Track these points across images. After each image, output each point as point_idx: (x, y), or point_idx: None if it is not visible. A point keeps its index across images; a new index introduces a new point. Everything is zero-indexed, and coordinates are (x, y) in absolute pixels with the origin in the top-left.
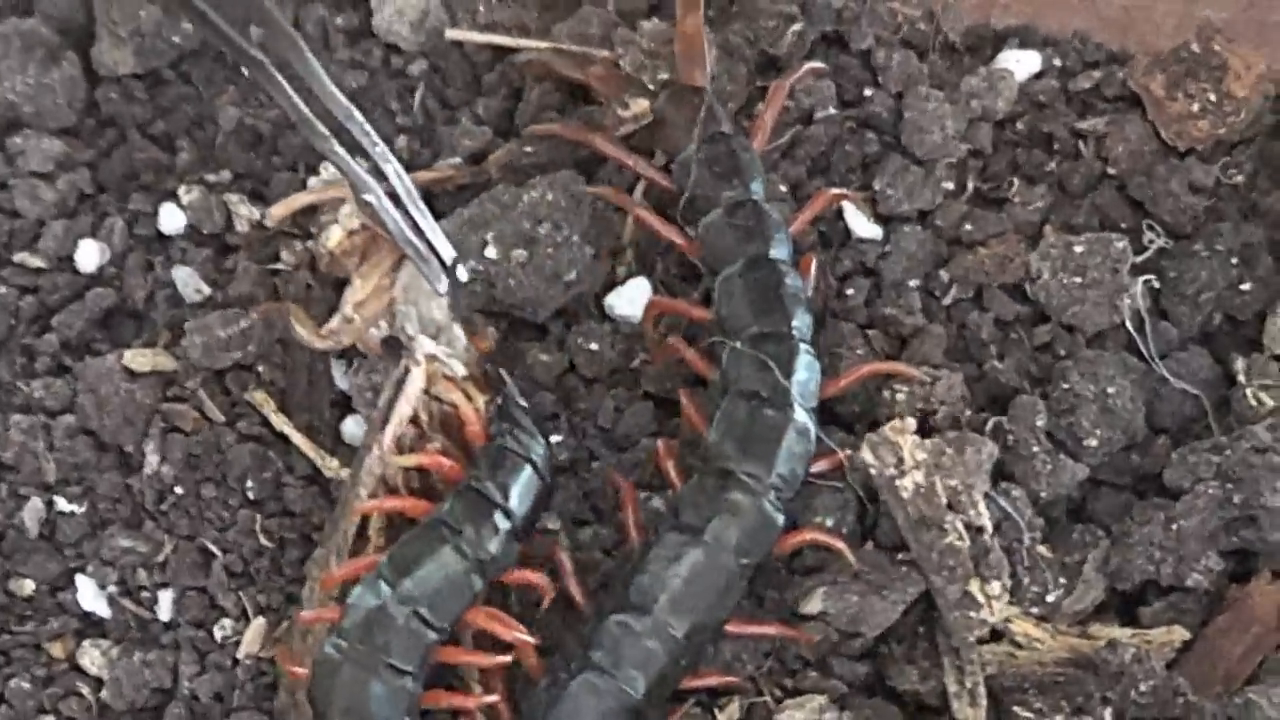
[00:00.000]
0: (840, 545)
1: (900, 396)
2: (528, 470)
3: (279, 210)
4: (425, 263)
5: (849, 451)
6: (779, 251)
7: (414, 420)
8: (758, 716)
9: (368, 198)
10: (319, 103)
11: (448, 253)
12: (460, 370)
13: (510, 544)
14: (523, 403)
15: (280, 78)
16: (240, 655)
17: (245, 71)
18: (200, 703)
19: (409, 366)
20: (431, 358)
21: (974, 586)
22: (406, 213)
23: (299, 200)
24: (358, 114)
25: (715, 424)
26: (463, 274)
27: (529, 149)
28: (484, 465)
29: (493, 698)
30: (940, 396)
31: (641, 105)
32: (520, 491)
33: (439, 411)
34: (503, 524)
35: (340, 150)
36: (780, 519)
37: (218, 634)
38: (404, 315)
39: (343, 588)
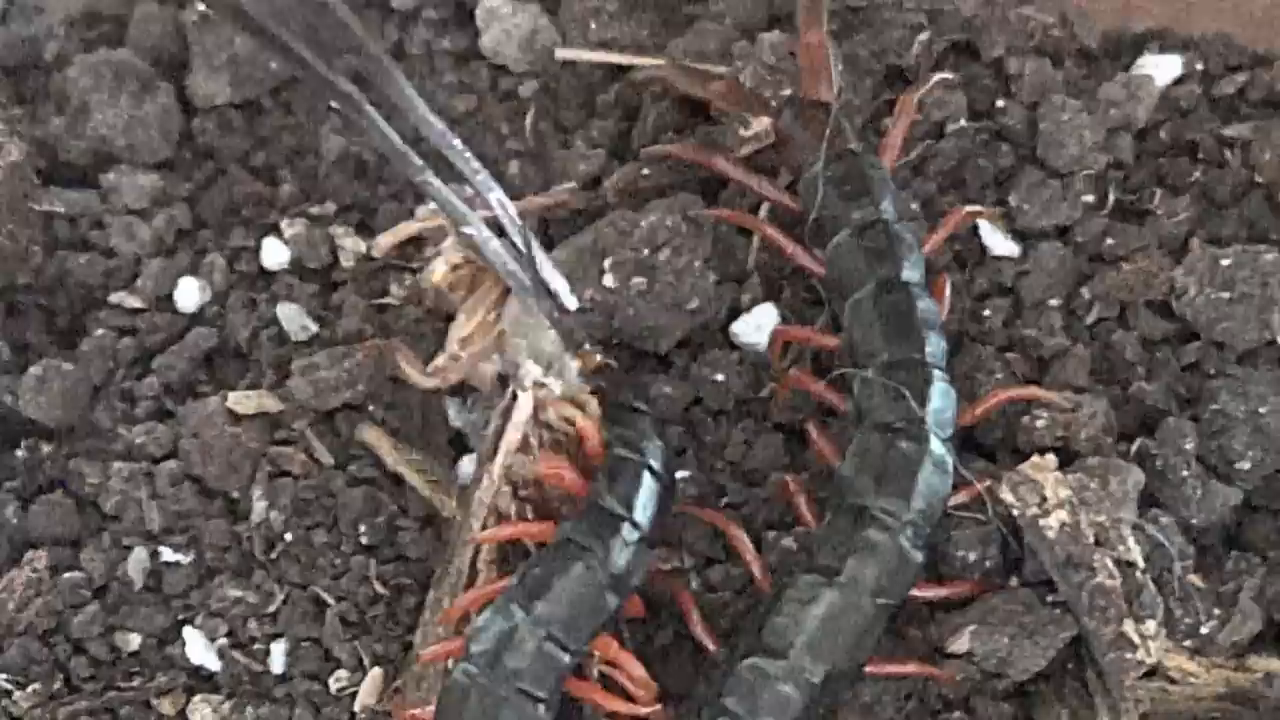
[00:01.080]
0: (1005, 589)
1: (1040, 424)
2: (646, 476)
3: (386, 240)
4: (531, 293)
5: (989, 482)
6: (911, 274)
7: (523, 448)
8: None
9: (467, 230)
10: (417, 130)
11: (557, 282)
12: (570, 392)
13: (641, 554)
14: (636, 404)
15: (370, 109)
16: (356, 708)
17: (334, 104)
18: None
19: (516, 393)
20: (539, 384)
21: (1128, 627)
22: (511, 243)
23: (406, 230)
24: (457, 141)
25: (848, 458)
26: (571, 302)
27: (646, 171)
28: (603, 479)
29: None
30: (1082, 423)
31: (763, 124)
32: (643, 499)
33: (549, 439)
34: (630, 535)
35: (436, 181)
36: (919, 557)
37: (333, 686)
38: (515, 348)
39: (462, 623)
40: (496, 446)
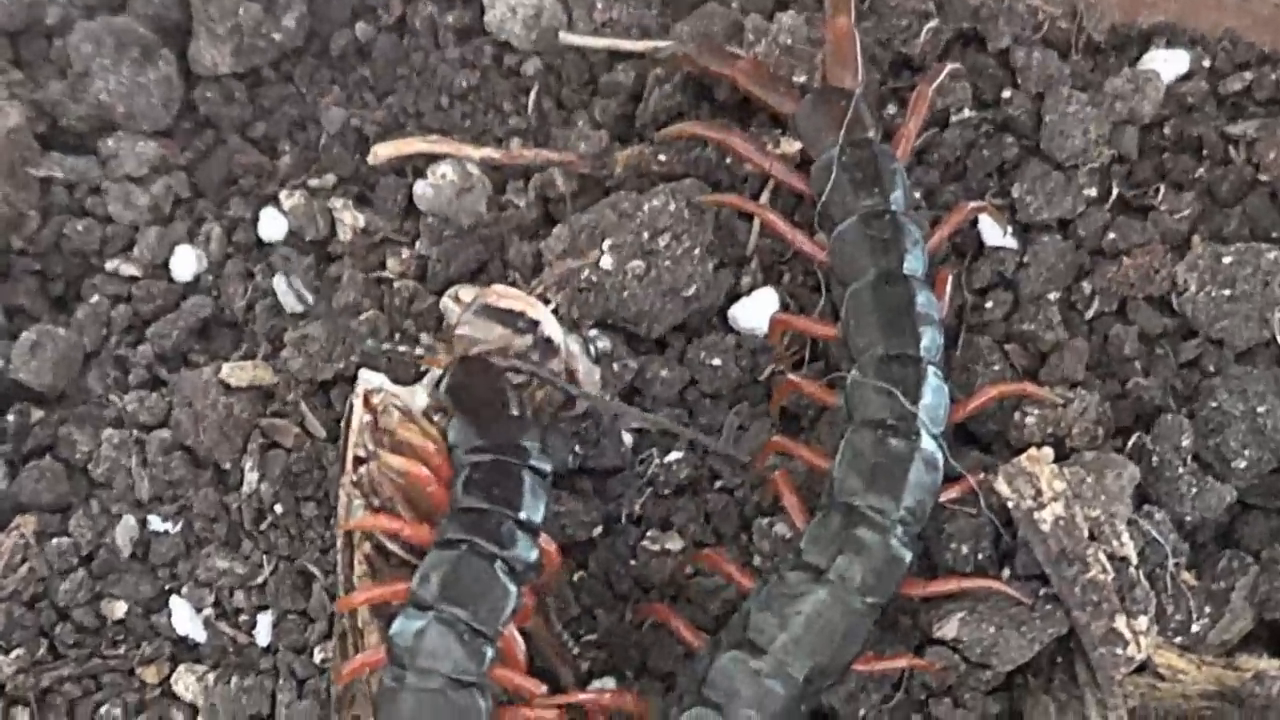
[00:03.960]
0: (997, 586)
1: (1030, 420)
2: (511, 471)
3: (385, 150)
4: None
5: (983, 477)
6: (913, 266)
7: (365, 459)
8: None
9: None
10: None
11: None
12: (412, 403)
13: (523, 539)
14: (497, 404)
15: None
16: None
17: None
18: None
19: (351, 402)
20: (376, 391)
21: (1120, 622)
22: None
23: (409, 145)
24: None
25: (839, 456)
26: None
27: (661, 156)
28: (459, 482)
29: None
30: (1075, 419)
31: (793, 147)
32: (512, 492)
33: (392, 443)
34: (508, 525)
35: None
36: (908, 556)
37: (317, 658)
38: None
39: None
40: (345, 456)
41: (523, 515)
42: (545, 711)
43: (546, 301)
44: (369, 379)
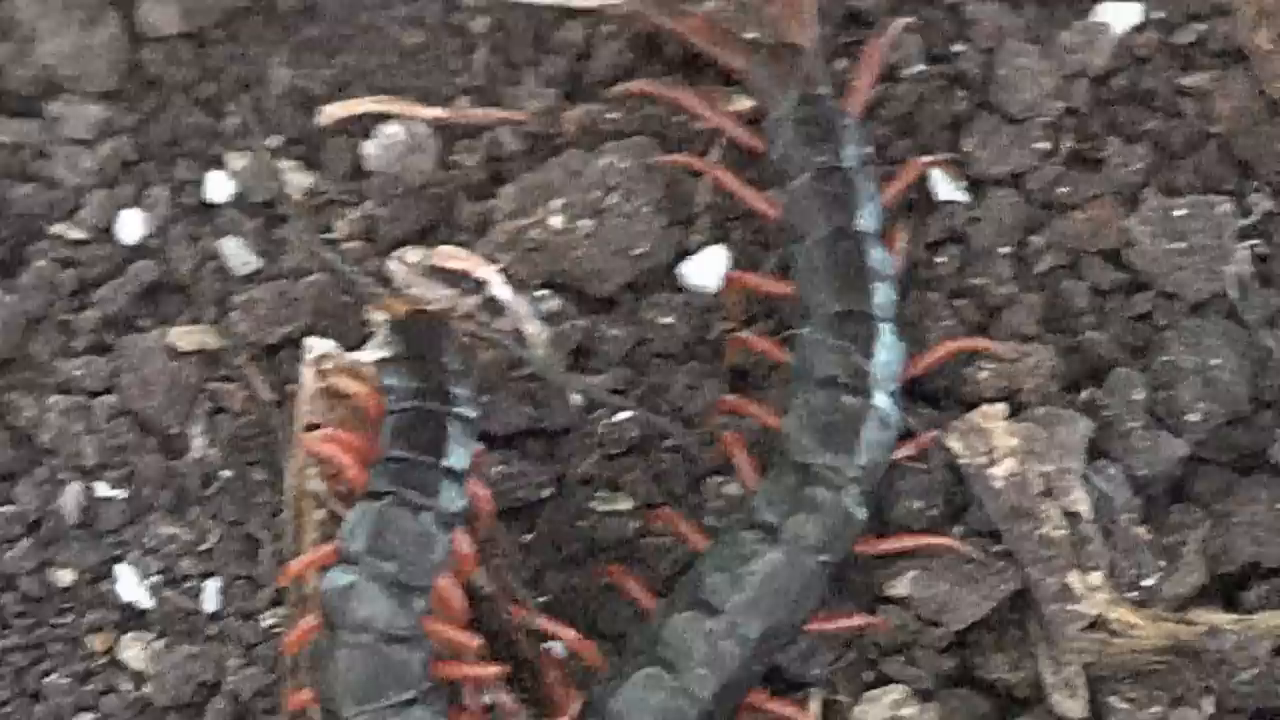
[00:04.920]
0: (949, 544)
1: (984, 374)
2: (434, 417)
3: (334, 110)
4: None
5: (936, 433)
6: (866, 223)
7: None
8: (836, 711)
9: None
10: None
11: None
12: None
13: (450, 488)
14: (424, 352)
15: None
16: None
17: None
18: (243, 699)
19: (301, 368)
20: (323, 356)
21: (1073, 578)
22: None
23: (357, 105)
24: None
25: (791, 414)
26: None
27: (611, 114)
28: (387, 430)
29: (494, 669)
30: (1027, 373)
31: (744, 104)
32: (434, 439)
33: (345, 409)
34: (433, 474)
35: None
36: (863, 514)
37: (265, 624)
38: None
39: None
40: (295, 423)
41: (448, 463)
42: (482, 667)
43: (494, 261)
44: (317, 345)
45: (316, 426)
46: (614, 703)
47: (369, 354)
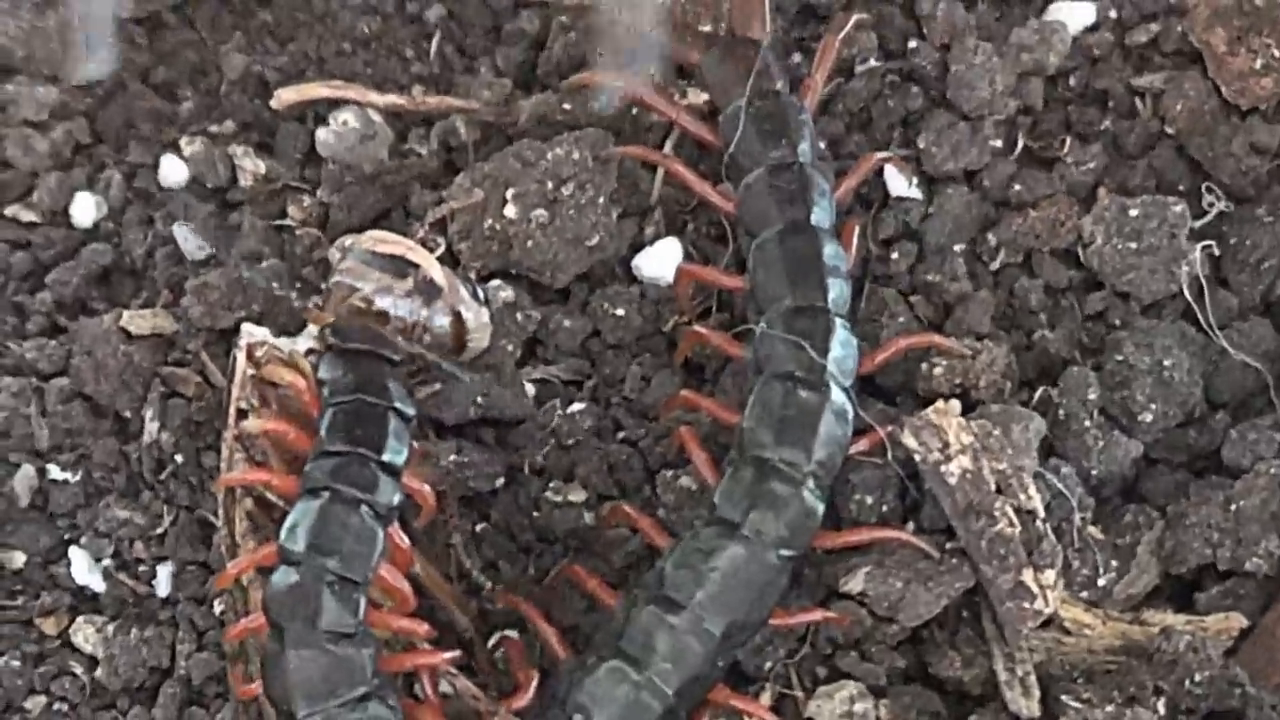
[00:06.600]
0: (906, 538)
1: (938, 371)
2: (370, 412)
3: (288, 95)
4: None
5: (890, 428)
6: (820, 218)
7: (247, 412)
8: (790, 706)
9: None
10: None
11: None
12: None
13: (386, 483)
14: (358, 347)
15: None
16: None
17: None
18: (195, 683)
19: (235, 355)
20: (260, 344)
21: (1027, 576)
22: None
23: (311, 91)
24: None
25: (749, 409)
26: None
27: (566, 105)
28: (324, 424)
29: (447, 655)
30: (981, 371)
31: (699, 97)
32: (371, 433)
33: (278, 398)
34: (372, 467)
35: None
36: (821, 508)
37: (217, 609)
38: None
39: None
40: (228, 410)
41: (385, 457)
42: (433, 654)
43: (433, 246)
44: (252, 331)
45: (246, 413)
46: (578, 696)
47: (302, 342)
